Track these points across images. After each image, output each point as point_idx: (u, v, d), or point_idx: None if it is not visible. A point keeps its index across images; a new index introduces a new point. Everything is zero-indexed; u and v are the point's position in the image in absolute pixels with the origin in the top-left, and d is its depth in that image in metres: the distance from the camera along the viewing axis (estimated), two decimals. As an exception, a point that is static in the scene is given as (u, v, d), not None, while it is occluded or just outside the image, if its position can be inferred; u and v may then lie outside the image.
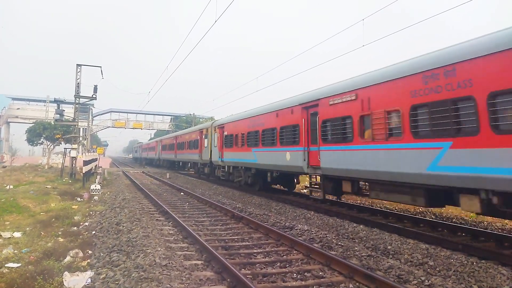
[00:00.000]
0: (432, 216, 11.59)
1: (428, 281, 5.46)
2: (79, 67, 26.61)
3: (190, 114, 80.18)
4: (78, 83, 26.27)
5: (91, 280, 5.49)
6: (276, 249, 7.51)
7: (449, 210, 11.98)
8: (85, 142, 50.74)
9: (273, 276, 5.81)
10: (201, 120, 78.19)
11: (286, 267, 6.32)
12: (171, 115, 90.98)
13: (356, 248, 7.39)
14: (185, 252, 7.13)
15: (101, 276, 5.58)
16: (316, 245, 7.59)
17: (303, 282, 5.55)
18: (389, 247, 7.56)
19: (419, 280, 5.54)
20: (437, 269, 6.25)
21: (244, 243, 7.98)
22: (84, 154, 38.25)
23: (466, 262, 6.46)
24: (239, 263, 6.42)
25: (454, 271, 6.11)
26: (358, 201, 14.39)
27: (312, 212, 11.87)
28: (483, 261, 6.54)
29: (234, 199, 15.64)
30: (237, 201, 15.09)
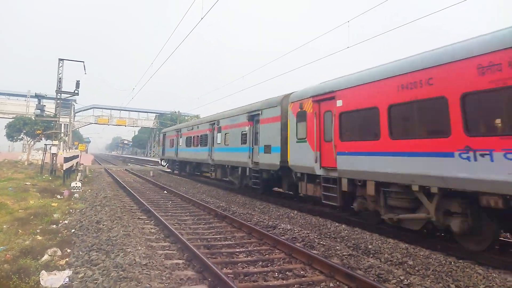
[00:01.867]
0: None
1: (407, 280, 5.55)
2: (61, 62, 26.07)
3: (175, 112, 79.44)
4: (60, 78, 25.70)
5: (69, 279, 5.37)
6: (258, 248, 7.51)
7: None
8: (66, 138, 49.70)
9: (255, 275, 5.81)
10: (186, 118, 77.53)
11: (268, 266, 6.33)
12: (155, 113, 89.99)
13: (337, 247, 7.46)
14: (166, 251, 7.06)
15: (80, 275, 5.46)
16: (298, 244, 7.63)
17: (284, 281, 5.56)
18: (370, 247, 7.66)
19: (398, 279, 5.62)
20: (416, 268, 6.35)
21: (226, 242, 7.96)
22: (65, 150, 37.46)
23: (444, 261, 6.60)
24: (221, 262, 6.39)
25: (432, 270, 6.22)
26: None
27: (296, 212, 11.93)
28: (460, 260, 6.69)
29: (218, 198, 15.59)
30: (221, 200, 15.04)
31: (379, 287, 4.93)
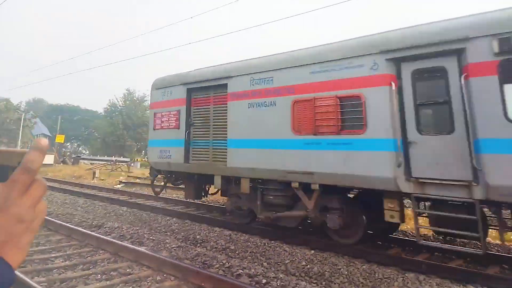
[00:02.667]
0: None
1: (228, 263, 6.09)
2: None
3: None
4: None
5: None
6: (79, 251, 6.88)
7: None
8: None
9: (74, 280, 5.31)
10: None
11: (90, 269, 5.88)
12: None
13: (167, 240, 7.54)
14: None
15: None
16: (126, 242, 7.34)
17: (107, 282, 5.28)
18: (198, 237, 8.05)
19: (221, 263, 6.11)
20: (237, 252, 7.05)
21: (39, 248, 6.95)
22: None
23: (260, 243, 7.53)
24: (31, 271, 5.58)
25: (250, 252, 7.03)
26: (174, 195, 14.68)
27: (125, 208, 11.44)
28: (272, 241, 7.77)
29: (31, 199, 13.40)
30: (35, 200, 12.99)
31: (203, 272, 5.27)
